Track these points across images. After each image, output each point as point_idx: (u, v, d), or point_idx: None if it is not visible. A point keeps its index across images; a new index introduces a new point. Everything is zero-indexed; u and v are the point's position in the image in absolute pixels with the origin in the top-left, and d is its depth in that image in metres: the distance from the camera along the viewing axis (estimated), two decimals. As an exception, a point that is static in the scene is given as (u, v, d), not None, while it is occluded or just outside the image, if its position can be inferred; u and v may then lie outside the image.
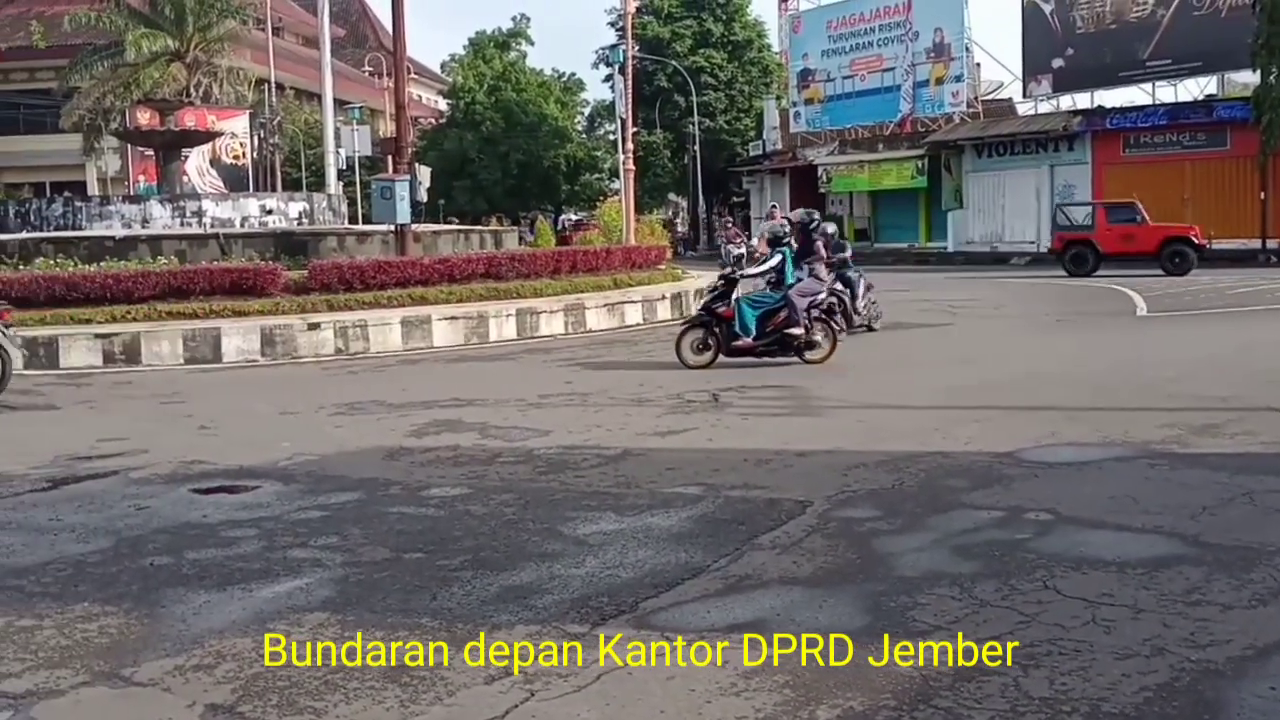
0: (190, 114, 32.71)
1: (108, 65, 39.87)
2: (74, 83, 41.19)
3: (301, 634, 4.62)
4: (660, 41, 51.51)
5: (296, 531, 6.23)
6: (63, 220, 22.19)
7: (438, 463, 7.98)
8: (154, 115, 29.83)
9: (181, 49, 39.10)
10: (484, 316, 16.47)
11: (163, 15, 38.77)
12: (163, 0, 38.48)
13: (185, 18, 38.58)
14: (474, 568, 5.44)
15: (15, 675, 4.30)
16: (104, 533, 6.32)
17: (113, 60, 39.52)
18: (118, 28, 38.79)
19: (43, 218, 22.54)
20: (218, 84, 41.73)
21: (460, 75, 53.73)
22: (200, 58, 40.02)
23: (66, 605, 5.10)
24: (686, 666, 4.19)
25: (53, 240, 19.34)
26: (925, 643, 4.31)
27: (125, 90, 39.38)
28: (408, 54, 22.60)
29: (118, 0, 39.39)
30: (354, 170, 42.27)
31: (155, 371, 14.15)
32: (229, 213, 23.08)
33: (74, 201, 24.03)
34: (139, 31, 38.11)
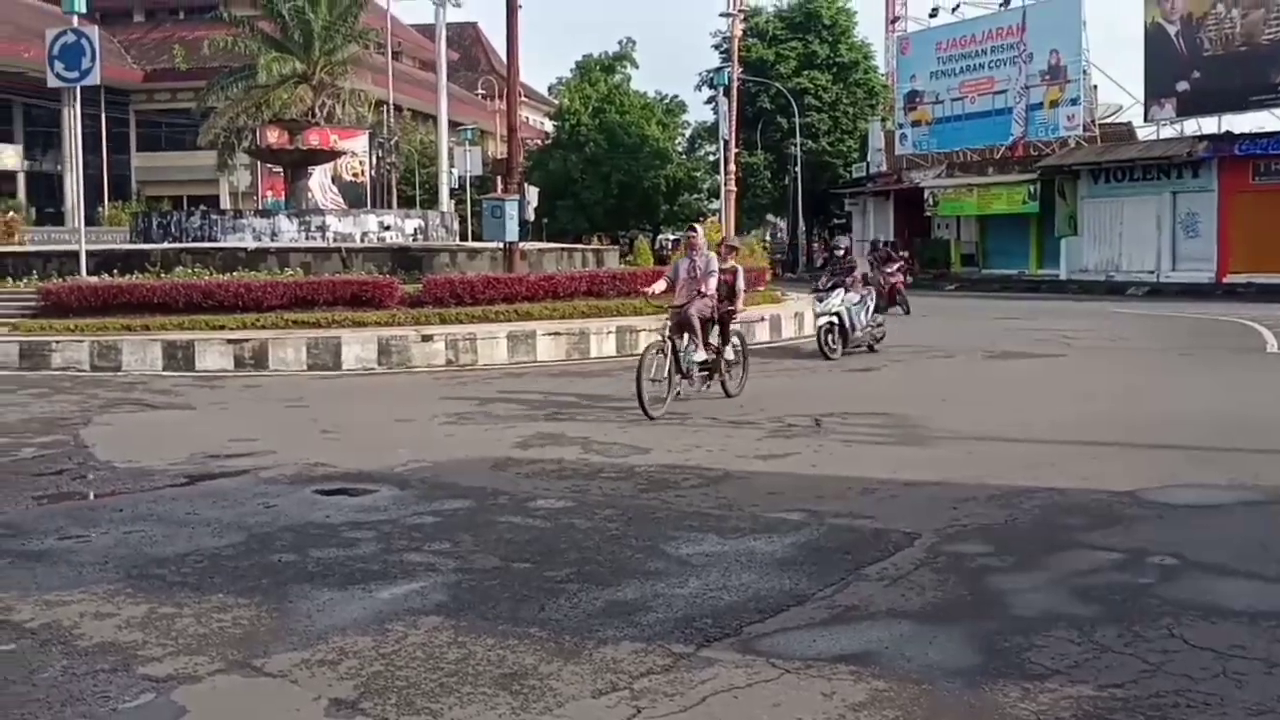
0: (315, 133, 33.50)
1: (241, 87, 41.10)
2: (211, 103, 42.53)
3: (418, 635, 4.70)
4: (764, 63, 51.18)
5: (411, 536, 6.35)
6: (200, 232, 22.90)
7: (543, 475, 8.05)
8: (283, 134, 30.59)
9: (308, 72, 40.13)
10: (585, 333, 16.57)
11: (292, 40, 39.83)
12: (293, 26, 39.53)
13: (313, 42, 39.59)
14: (580, 581, 5.48)
15: (157, 660, 4.44)
16: (236, 528, 6.51)
17: (246, 82, 40.73)
18: (251, 52, 39.97)
19: (182, 229, 23.28)
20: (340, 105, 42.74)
21: (566, 98, 54.15)
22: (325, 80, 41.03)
23: (203, 595, 5.25)
24: (793, 695, 4.11)
25: (191, 251, 19.99)
26: (1043, 686, 4.15)
27: (257, 110, 40.55)
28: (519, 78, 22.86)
29: (252, 26, 40.61)
30: (465, 189, 42.89)
31: (281, 376, 14.49)
32: (350, 228, 23.59)
33: (210, 215, 24.79)
34: (270, 55, 39.23)
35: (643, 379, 10.42)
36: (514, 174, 21.29)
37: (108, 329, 15.85)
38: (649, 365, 10.60)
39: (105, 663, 4.41)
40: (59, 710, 3.98)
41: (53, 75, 19.45)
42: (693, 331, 11.25)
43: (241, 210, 30.75)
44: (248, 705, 4.13)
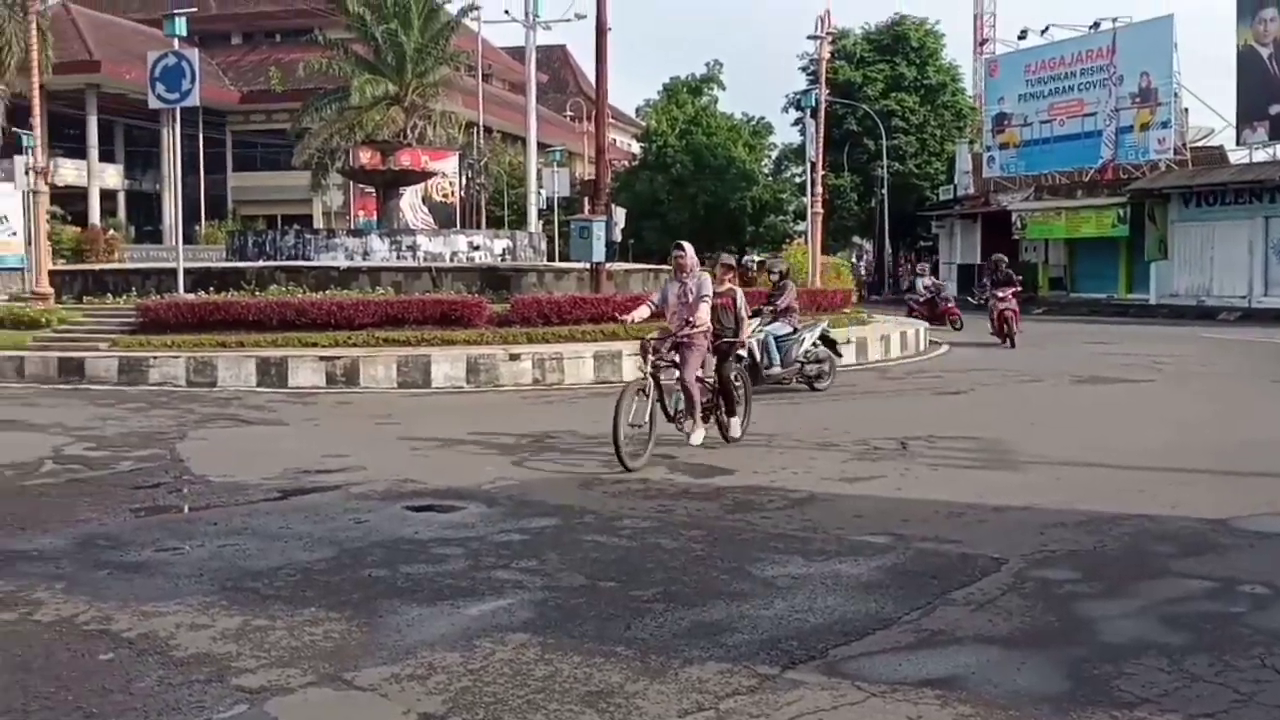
0: (406, 154, 34.09)
1: (335, 108, 42.03)
2: (305, 124, 43.55)
3: (505, 652, 4.75)
4: (851, 85, 51.05)
5: (499, 553, 6.41)
6: (294, 251, 23.40)
7: (628, 494, 8.09)
8: (375, 155, 31.21)
9: (401, 94, 40.91)
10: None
11: (385, 63, 40.66)
12: (386, 49, 40.36)
13: (405, 65, 40.37)
14: (665, 601, 5.49)
15: (251, 671, 4.53)
16: (328, 543, 6.63)
17: (340, 104, 41.65)
18: (345, 74, 40.87)
19: (276, 248, 23.82)
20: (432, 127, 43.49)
21: (654, 119, 54.45)
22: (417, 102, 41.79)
23: (295, 609, 5.35)
24: (878, 718, 4.10)
25: (285, 269, 20.43)
26: (1132, 715, 4.09)
27: (350, 131, 41.44)
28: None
29: (346, 48, 41.56)
30: (553, 209, 43.30)
31: (371, 393, 14.73)
32: (440, 248, 23.95)
33: (304, 234, 25.32)
34: (364, 78, 40.09)
35: (620, 424, 8.82)
36: (602, 195, 21.44)
37: (204, 345, 16.23)
38: (627, 408, 8.94)
39: (200, 673, 4.51)
40: (155, 716, 4.08)
41: (154, 97, 20.06)
42: (690, 402, 9.64)
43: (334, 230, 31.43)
44: (338, 718, 4.20)
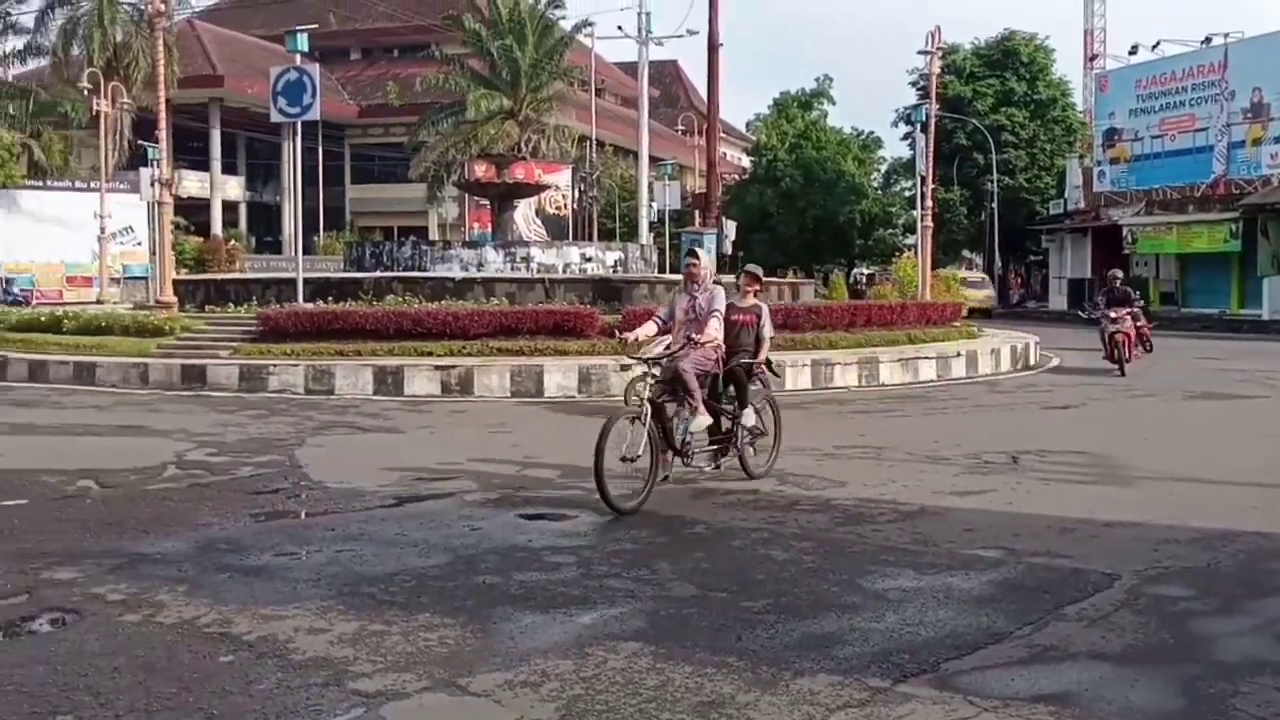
0: (521, 167, 34.57)
1: (451, 122, 42.89)
2: (422, 138, 44.52)
3: (617, 661, 4.76)
4: (961, 100, 50.45)
5: (611, 562, 6.45)
6: (410, 262, 23.85)
7: (738, 505, 8.06)
8: (490, 168, 31.68)
9: (515, 108, 41.57)
10: (780, 365, 16.44)
11: (500, 78, 41.36)
12: (501, 64, 41.06)
13: (520, 80, 41.01)
14: (776, 612, 5.45)
15: (367, 675, 4.60)
16: (442, 549, 6.73)
17: (456, 118, 42.48)
18: (461, 89, 41.69)
19: (393, 259, 24.32)
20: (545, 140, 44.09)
21: (764, 133, 54.45)
22: (531, 116, 42.41)
23: (411, 614, 5.42)
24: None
25: (401, 279, 20.84)
26: (1249, 735, 3.97)
27: (465, 145, 42.24)
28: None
29: (462, 64, 42.39)
30: (664, 222, 43.48)
31: (485, 402, 14.93)
32: (553, 259, 24.18)
33: (420, 245, 25.79)
34: (479, 92, 40.85)
35: (604, 457, 7.54)
36: (712, 208, 21.53)
37: (322, 354, 16.61)
38: (618, 439, 7.73)
39: (318, 677, 4.59)
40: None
41: (276, 111, 20.65)
42: (688, 392, 8.35)
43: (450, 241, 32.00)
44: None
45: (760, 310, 9.43)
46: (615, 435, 7.74)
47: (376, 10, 56.45)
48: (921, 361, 18.17)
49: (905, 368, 17.82)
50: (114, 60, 41.03)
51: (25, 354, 18.15)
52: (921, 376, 17.83)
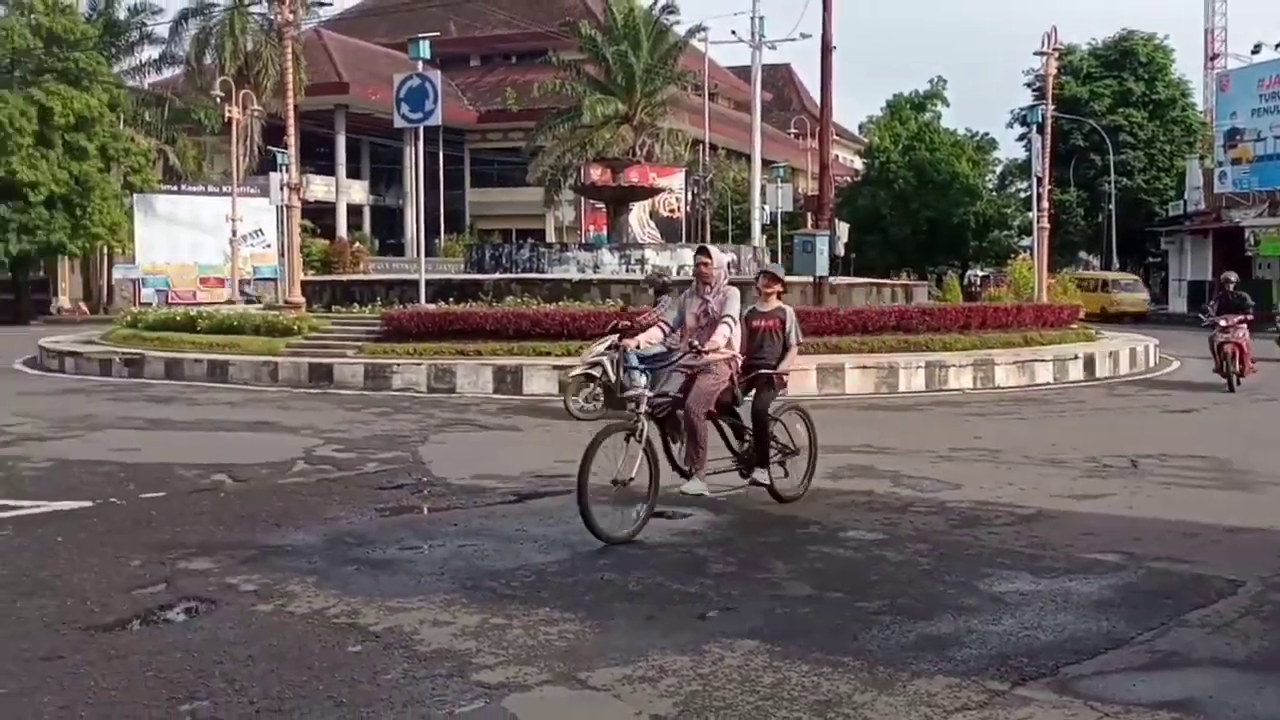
0: (635, 171, 34.75)
1: (567, 127, 43.35)
2: (539, 142, 45.10)
3: (734, 658, 4.76)
4: (1078, 100, 49.19)
5: (725, 560, 6.45)
6: (528, 264, 24.18)
7: (853, 506, 7.99)
8: (605, 172, 31.91)
9: (630, 112, 41.81)
10: (894, 367, 16.30)
11: (615, 83, 41.63)
12: (616, 69, 41.33)
13: (634, 85, 41.23)
14: (892, 613, 5.40)
15: (489, 668, 4.68)
16: (561, 545, 6.80)
17: (572, 122, 42.92)
18: (577, 94, 42.10)
19: (512, 261, 24.68)
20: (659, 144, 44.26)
21: (876, 135, 53.84)
22: (645, 120, 42.60)
23: (531, 609, 5.49)
24: (1116, 739, 3.94)
25: (520, 281, 21.14)
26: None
27: (581, 149, 42.65)
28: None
29: (578, 69, 42.80)
30: (776, 224, 43.29)
31: (598, 402, 15.04)
32: (667, 261, 24.25)
33: (538, 247, 26.15)
34: (595, 97, 41.20)
35: (588, 479, 6.66)
36: (825, 210, 21.31)
37: (443, 353, 16.92)
38: (611, 457, 6.87)
39: (442, 668, 4.68)
40: (400, 710, 4.25)
41: (399, 116, 21.13)
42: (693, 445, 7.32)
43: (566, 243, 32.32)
44: (573, 716, 4.29)
45: (784, 314, 8.26)
46: (605, 453, 6.85)
47: (495, 18, 57.33)
48: (1038, 364, 17.74)
49: (1021, 370, 17.42)
50: (244, 68, 42.44)
51: (162, 352, 18.89)
52: (1038, 379, 17.40)
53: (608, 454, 6.83)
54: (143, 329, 21.48)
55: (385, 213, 56.15)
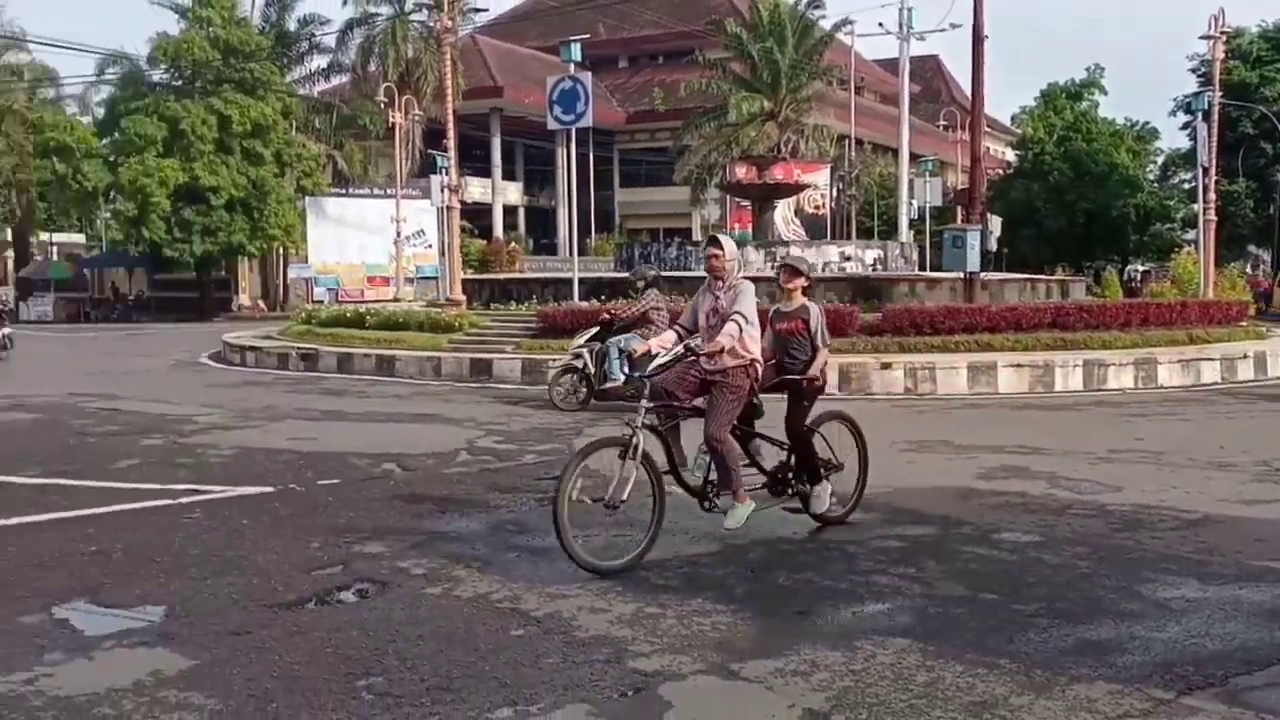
0: (780, 168, 34.57)
1: (713, 125, 43.38)
2: (685, 141, 45.25)
3: (886, 656, 4.73)
4: (1246, 86, 46.55)
5: (876, 559, 6.39)
6: (676, 261, 24.31)
7: (1007, 508, 7.80)
8: (750, 169, 31.86)
9: (775, 109, 41.60)
10: (1050, 365, 15.81)
11: (760, 80, 41.47)
12: (761, 66, 41.17)
13: (780, 81, 41.00)
14: (1049, 616, 5.27)
15: (644, 655, 4.75)
16: (712, 538, 6.80)
17: (717, 121, 42.94)
18: (723, 92, 42.09)
19: (660, 259, 24.86)
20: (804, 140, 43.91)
21: (1030, 126, 52.17)
22: (790, 117, 42.33)
23: (684, 599, 5.55)
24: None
25: (667, 278, 21.19)
26: None
27: (727, 147, 42.63)
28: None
29: (724, 68, 42.78)
30: (924, 219, 42.43)
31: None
32: (812, 258, 24.05)
33: (685, 245, 26.26)
34: (740, 95, 41.13)
35: (565, 498, 5.89)
36: (976, 203, 20.79)
37: (595, 349, 17.13)
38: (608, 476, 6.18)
39: (600, 654, 4.78)
40: (561, 693, 4.36)
41: (552, 119, 21.48)
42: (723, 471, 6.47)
43: (712, 241, 32.29)
44: (727, 706, 4.32)
45: (809, 313, 7.21)
46: (589, 472, 6.11)
47: (643, 18, 57.68)
48: (1204, 363, 16.96)
49: (1185, 369, 16.69)
50: (406, 75, 43.80)
51: (334, 347, 19.71)
52: (1204, 379, 16.64)
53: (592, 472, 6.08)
54: (316, 325, 22.46)
55: (539, 213, 57.15)
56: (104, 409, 13.75)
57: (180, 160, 39.55)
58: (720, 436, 6.39)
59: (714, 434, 6.39)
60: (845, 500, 7.27)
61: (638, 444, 6.04)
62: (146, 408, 13.89)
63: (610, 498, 6.03)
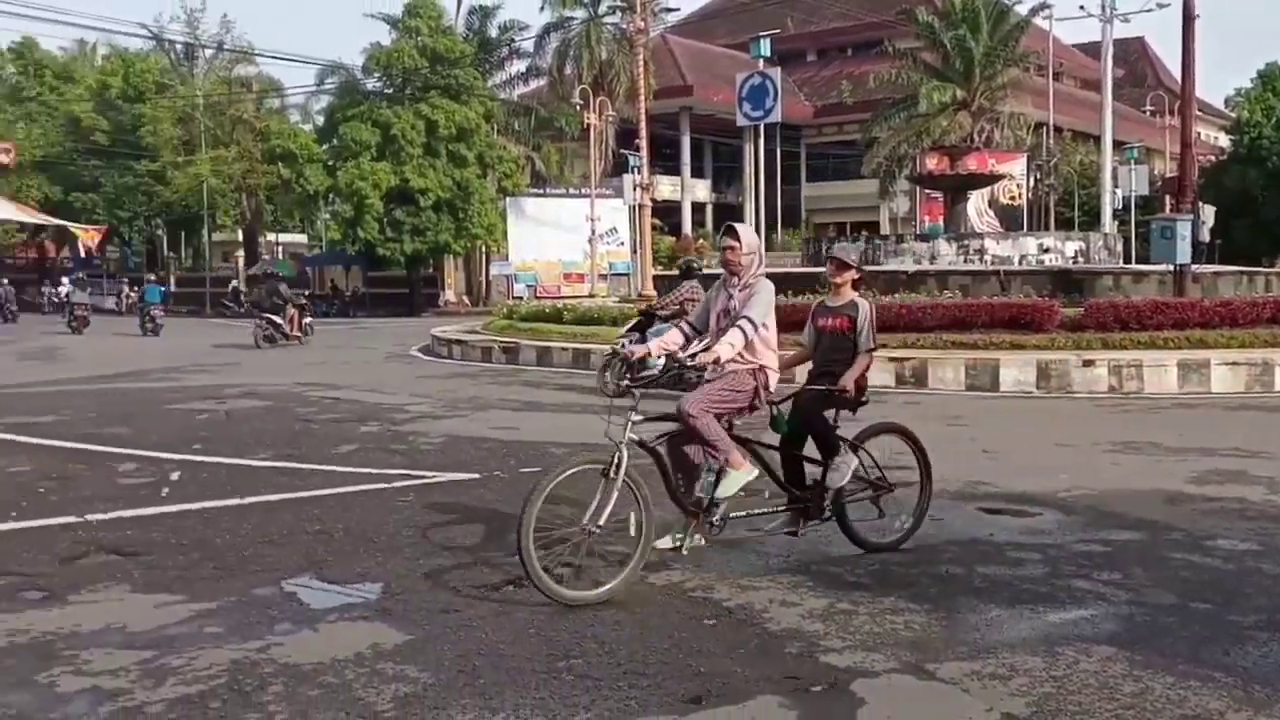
0: (973, 158, 33.55)
1: (903, 117, 42.50)
2: (874, 134, 44.44)
3: (1090, 663, 4.54)
4: None
5: (1079, 563, 6.13)
6: (864, 256, 23.96)
7: (1221, 514, 7.34)
8: (942, 160, 31.03)
9: (968, 98, 40.41)
10: (1269, 364, 14.75)
11: (953, 68, 40.35)
12: (954, 54, 40.05)
13: (973, 69, 39.80)
14: (1270, 629, 4.94)
15: (837, 651, 4.71)
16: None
17: (907, 112, 42.05)
18: (913, 82, 41.18)
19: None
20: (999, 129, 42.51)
21: (1246, 109, 48.92)
22: (984, 105, 41.05)
23: (876, 597, 5.46)
24: None
25: (854, 273, 20.93)
26: None
27: (917, 139, 41.68)
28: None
29: (914, 57, 41.84)
30: (1129, 209, 40.36)
31: (938, 395, 14.61)
32: (1008, 251, 23.31)
33: (873, 239, 25.87)
34: (931, 84, 40.15)
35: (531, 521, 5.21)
36: (1187, 192, 19.67)
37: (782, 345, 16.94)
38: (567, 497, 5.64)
39: (792, 647, 4.76)
40: (753, 684, 4.36)
41: (741, 115, 21.54)
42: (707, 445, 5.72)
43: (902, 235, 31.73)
44: (922, 706, 4.23)
45: (856, 310, 6.37)
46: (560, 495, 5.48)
47: (831, 11, 56.96)
48: None
49: None
50: (599, 77, 44.60)
51: (533, 341, 20.30)
52: None
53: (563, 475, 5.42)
54: (517, 320, 23.25)
55: (726, 209, 57.22)
56: (326, 398, 14.55)
57: (392, 164, 41.42)
58: (694, 412, 5.54)
59: (687, 408, 5.54)
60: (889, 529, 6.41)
61: (620, 461, 5.40)
62: (363, 397, 14.62)
63: (586, 522, 5.42)
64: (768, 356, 5.90)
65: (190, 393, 15.34)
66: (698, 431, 5.58)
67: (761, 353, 5.86)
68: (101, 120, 51.35)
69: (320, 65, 46.38)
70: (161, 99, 50.64)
